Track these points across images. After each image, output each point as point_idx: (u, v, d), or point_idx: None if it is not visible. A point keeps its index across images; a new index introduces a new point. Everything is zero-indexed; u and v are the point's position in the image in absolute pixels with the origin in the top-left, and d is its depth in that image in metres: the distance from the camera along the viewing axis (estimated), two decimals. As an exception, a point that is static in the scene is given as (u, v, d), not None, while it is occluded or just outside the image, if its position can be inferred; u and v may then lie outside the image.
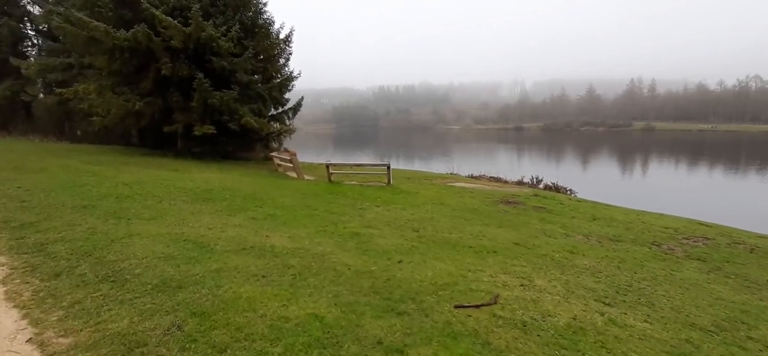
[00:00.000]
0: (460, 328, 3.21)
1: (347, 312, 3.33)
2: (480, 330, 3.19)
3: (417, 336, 3.02)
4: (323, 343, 2.82)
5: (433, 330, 3.14)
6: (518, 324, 3.36)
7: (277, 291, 3.65)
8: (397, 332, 3.06)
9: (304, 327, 3.01)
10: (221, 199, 8.33)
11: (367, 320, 3.22)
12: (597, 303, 4.06)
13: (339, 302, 3.54)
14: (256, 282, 3.86)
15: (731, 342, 3.42)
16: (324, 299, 3.58)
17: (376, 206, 9.17)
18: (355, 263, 4.71)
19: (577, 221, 8.94)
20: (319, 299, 3.57)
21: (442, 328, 3.18)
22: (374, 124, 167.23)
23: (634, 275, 5.25)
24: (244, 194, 9.16)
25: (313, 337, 2.89)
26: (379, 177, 13.63)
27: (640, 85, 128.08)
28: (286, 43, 18.17)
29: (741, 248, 7.26)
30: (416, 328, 3.14)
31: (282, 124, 19.69)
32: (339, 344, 2.83)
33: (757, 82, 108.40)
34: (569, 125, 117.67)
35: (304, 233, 6.18)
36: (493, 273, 4.70)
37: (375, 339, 2.92)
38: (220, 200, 8.20)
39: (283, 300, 3.47)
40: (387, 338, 2.95)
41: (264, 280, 3.94)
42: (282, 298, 3.51)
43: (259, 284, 3.83)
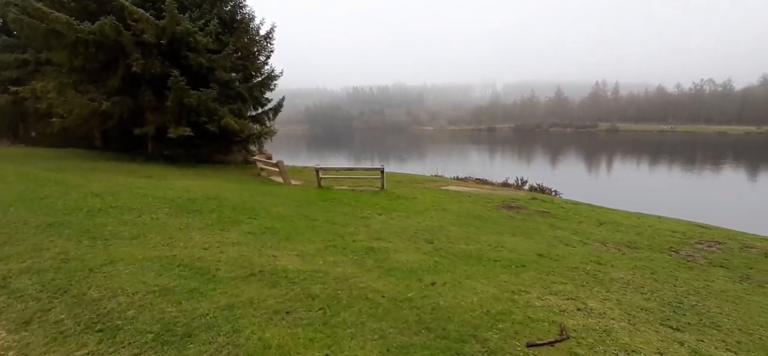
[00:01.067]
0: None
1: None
2: (566, 376, 2.67)
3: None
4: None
5: (512, 379, 2.59)
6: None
7: (311, 335, 2.99)
8: (474, 386, 2.48)
9: (362, 387, 2.38)
10: (209, 210, 7.47)
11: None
12: (665, 328, 3.65)
13: (389, 345, 2.92)
14: (281, 322, 3.18)
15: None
16: (370, 342, 2.95)
17: (378, 215, 8.57)
18: (385, 288, 4.09)
19: (585, 226, 8.69)
20: (364, 343, 2.94)
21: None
22: (348, 125, 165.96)
23: (676, 289, 4.92)
24: (233, 204, 8.32)
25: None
26: (371, 182, 13.02)
27: (605, 88, 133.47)
28: (267, 39, 17.22)
29: (754, 252, 7.17)
30: (493, 378, 2.58)
31: (262, 125, 18.69)
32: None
33: (710, 86, 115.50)
34: (539, 126, 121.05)
35: (312, 249, 5.49)
36: (540, 294, 4.21)
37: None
38: (208, 212, 7.34)
39: (323, 347, 2.82)
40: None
41: (290, 318, 3.26)
42: (320, 344, 2.86)
43: (286, 324, 3.15)
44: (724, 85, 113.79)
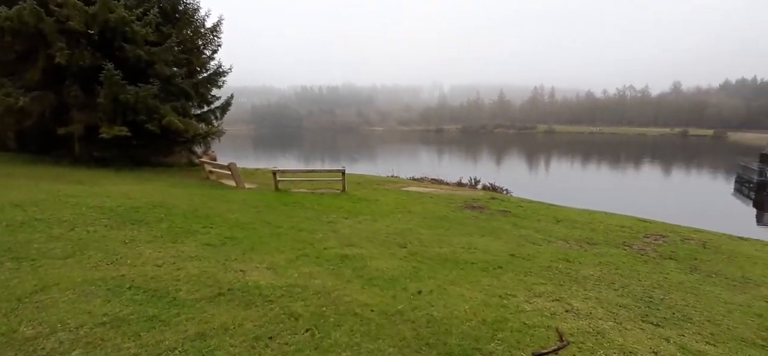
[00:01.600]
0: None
1: (413, 384, 2.48)
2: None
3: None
4: None
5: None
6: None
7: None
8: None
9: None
10: (156, 220, 6.69)
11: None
12: (647, 324, 3.75)
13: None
14: (266, 350, 2.80)
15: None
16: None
17: (344, 218, 8.23)
18: (372, 300, 3.82)
19: (545, 224, 9.01)
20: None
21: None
22: (297, 125, 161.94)
23: (641, 283, 5.17)
24: (184, 211, 7.55)
25: None
26: (330, 184, 12.59)
27: (542, 92, 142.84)
28: (213, 32, 16.06)
29: (693, 243, 7.83)
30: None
31: (209, 124, 17.41)
32: None
33: (631, 92, 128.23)
34: (484, 127, 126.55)
35: (283, 260, 5.06)
36: (526, 297, 4.18)
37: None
38: (156, 222, 6.56)
39: (321, 377, 2.49)
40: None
41: (275, 344, 2.88)
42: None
43: (272, 352, 2.77)
44: (643, 91, 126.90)
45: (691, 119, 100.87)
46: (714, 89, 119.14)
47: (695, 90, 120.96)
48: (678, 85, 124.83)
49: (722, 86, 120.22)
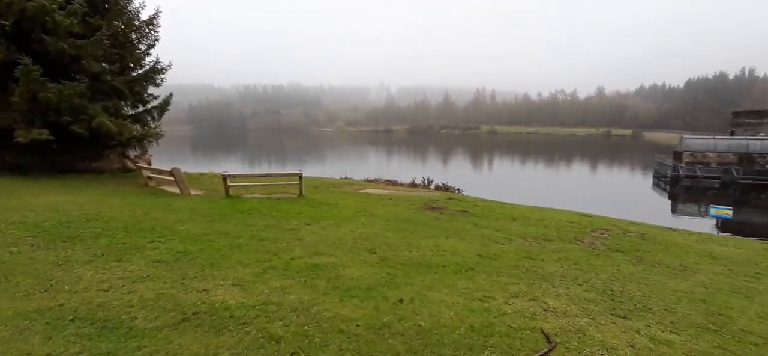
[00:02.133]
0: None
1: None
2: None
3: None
4: None
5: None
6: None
7: (297, 392, 2.40)
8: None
9: None
10: (93, 236, 5.93)
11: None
12: (616, 317, 3.96)
13: (393, 388, 2.51)
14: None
15: (741, 339, 3.66)
16: (370, 388, 2.50)
17: (307, 225, 7.89)
18: (354, 313, 3.64)
19: (502, 222, 9.33)
20: (364, 390, 2.47)
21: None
22: (241, 125, 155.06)
23: (599, 276, 5.49)
24: (125, 224, 6.79)
25: None
26: (286, 188, 12.08)
27: (484, 94, 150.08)
28: (149, 26, 14.73)
29: (633, 235, 8.54)
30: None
31: (145, 126, 15.97)
32: None
33: (562, 95, 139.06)
34: (431, 127, 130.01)
35: (248, 275, 4.68)
36: (505, 299, 4.24)
37: None
38: (93, 238, 5.82)
39: (320, 408, 2.27)
40: None
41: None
42: (314, 404, 2.31)
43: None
44: (572, 95, 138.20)
45: (613, 120, 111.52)
46: (631, 94, 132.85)
47: (616, 94, 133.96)
48: (601, 90, 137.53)
49: (638, 91, 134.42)
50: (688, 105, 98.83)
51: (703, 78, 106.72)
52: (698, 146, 29.23)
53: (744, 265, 6.74)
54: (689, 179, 27.77)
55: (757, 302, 4.88)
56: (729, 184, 26.86)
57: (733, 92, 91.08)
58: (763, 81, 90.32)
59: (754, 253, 7.63)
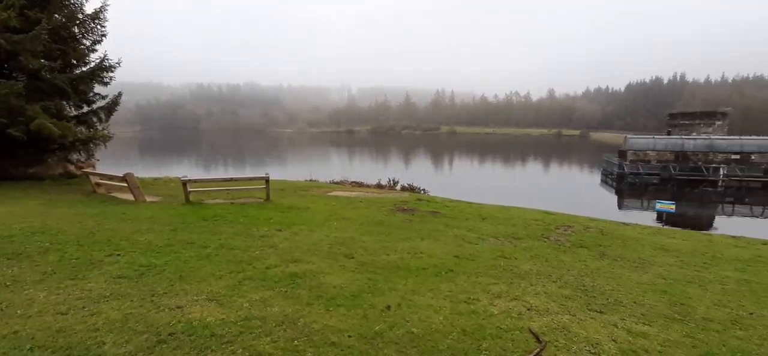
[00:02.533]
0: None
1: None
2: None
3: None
4: None
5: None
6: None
7: (298, 414, 2.27)
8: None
9: None
10: (40, 251, 5.36)
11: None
12: (593, 312, 4.14)
13: (396, 401, 2.44)
14: (246, 405, 2.34)
15: (704, 327, 3.94)
16: (374, 403, 2.41)
17: (278, 231, 7.62)
18: (344, 324, 3.53)
19: (473, 222, 9.53)
20: (367, 406, 2.38)
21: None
22: (194, 126, 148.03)
23: (570, 272, 5.73)
24: (76, 237, 6.21)
25: None
26: (251, 192, 11.62)
27: (443, 96, 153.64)
28: (95, 19, 13.63)
29: (593, 231, 9.03)
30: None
31: (91, 128, 14.78)
32: None
33: (516, 97, 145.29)
34: (393, 128, 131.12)
35: (223, 288, 4.42)
36: (489, 300, 4.30)
37: None
38: (40, 254, 5.26)
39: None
40: None
41: (254, 396, 2.43)
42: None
43: (254, 407, 2.33)
44: (526, 96, 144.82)
45: (563, 121, 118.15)
46: (579, 96, 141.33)
47: (565, 97, 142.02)
48: (552, 92, 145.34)
49: (584, 94, 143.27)
50: (628, 107, 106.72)
51: (642, 82, 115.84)
52: (640, 145, 31.63)
53: (692, 256, 7.32)
54: (633, 175, 29.95)
55: (710, 290, 5.31)
56: (667, 180, 29.27)
57: (667, 94, 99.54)
58: (692, 85, 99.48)
59: (699, 244, 8.32)
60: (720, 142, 29.57)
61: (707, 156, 29.73)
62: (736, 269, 6.52)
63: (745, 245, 8.58)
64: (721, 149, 29.29)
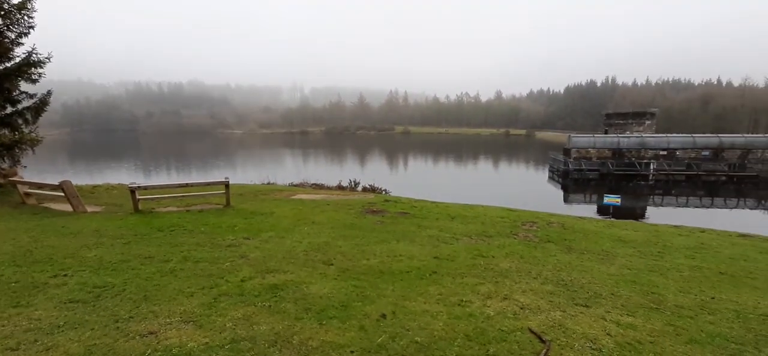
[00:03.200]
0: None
1: None
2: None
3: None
4: None
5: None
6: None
7: None
8: None
9: None
10: (-35, 275, 4.56)
11: None
12: (580, 307, 4.26)
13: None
14: None
15: (679, 314, 4.19)
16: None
17: (246, 239, 7.16)
18: (342, 338, 3.32)
19: (443, 222, 9.59)
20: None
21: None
22: (131, 128, 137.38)
23: (546, 268, 5.90)
24: (12, 257, 5.41)
25: None
26: (207, 198, 10.87)
27: (397, 96, 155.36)
28: (21, 9, 12.06)
29: (556, 226, 9.45)
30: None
31: (16, 130, 13.11)
32: None
33: (467, 98, 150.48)
34: (347, 129, 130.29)
35: (198, 306, 4.01)
36: (483, 302, 4.28)
37: None
38: (-34, 278, 4.47)
39: None
40: None
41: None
42: None
43: None
44: (476, 97, 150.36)
45: (510, 121, 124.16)
46: (523, 97, 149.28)
47: (511, 98, 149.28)
48: (500, 94, 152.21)
49: (528, 95, 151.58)
50: (568, 108, 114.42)
51: (579, 85, 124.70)
52: (583, 143, 33.99)
53: (647, 246, 7.87)
54: (577, 172, 32.07)
55: (671, 278, 5.70)
56: (606, 175, 31.67)
57: (601, 96, 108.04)
58: (622, 87, 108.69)
59: (649, 235, 8.98)
60: (650, 139, 32.58)
61: (639, 153, 32.62)
62: (686, 256, 7.09)
63: (687, 233, 9.42)
64: (651, 146, 32.28)
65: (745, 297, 4.87)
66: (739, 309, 4.36)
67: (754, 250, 7.86)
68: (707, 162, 31.78)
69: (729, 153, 31.99)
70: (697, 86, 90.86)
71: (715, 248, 7.82)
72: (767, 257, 7.28)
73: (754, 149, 31.22)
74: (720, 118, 62.71)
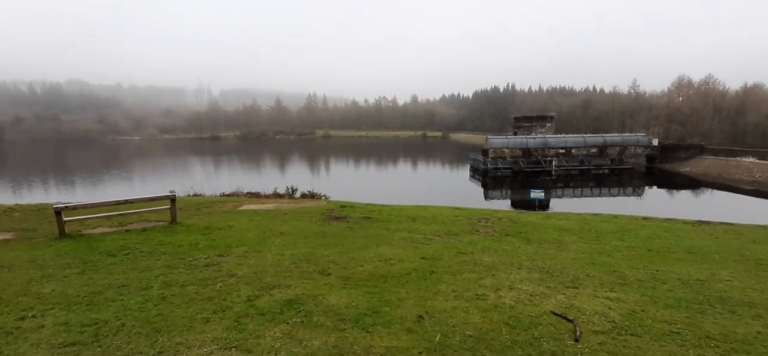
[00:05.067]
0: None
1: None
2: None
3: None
4: None
5: None
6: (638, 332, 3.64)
7: None
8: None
9: None
10: None
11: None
12: (573, 289, 4.94)
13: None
14: None
15: (643, 287, 5.10)
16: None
17: (219, 256, 6.68)
18: (403, 342, 3.44)
19: (408, 224, 9.96)
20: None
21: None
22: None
23: (521, 258, 6.61)
24: (-65, 303, 4.36)
25: None
26: (144, 215, 9.76)
27: (316, 100, 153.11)
28: None
29: (506, 221, 10.47)
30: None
31: None
32: None
33: (385, 101, 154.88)
34: (265, 133, 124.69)
35: (224, 331, 3.77)
36: (495, 293, 4.70)
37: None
38: None
39: None
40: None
41: None
42: None
43: None
44: (393, 101, 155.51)
45: (427, 124, 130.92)
46: (437, 101, 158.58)
47: (426, 102, 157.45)
48: (415, 98, 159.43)
49: (441, 99, 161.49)
50: (476, 111, 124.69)
51: (485, 90, 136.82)
52: (498, 144, 37.55)
53: (583, 233, 9.19)
54: (494, 170, 35.30)
55: (617, 257, 6.82)
56: (518, 172, 35.42)
57: (504, 100, 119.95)
58: (521, 93, 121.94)
59: (580, 223, 10.47)
60: (551, 140, 37.36)
61: (544, 151, 37.14)
62: (617, 239, 8.48)
63: (607, 219, 11.19)
64: (552, 145, 37.01)
65: (677, 267, 6.09)
66: (680, 278, 5.46)
67: (659, 229, 9.70)
68: (595, 158, 37.44)
69: (611, 150, 38.13)
70: (579, 93, 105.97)
71: (633, 231, 9.46)
72: (671, 234, 9.07)
73: (628, 146, 37.71)
74: (597, 120, 74.04)
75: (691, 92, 60.75)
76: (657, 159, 37.44)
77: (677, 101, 61.48)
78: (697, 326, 3.81)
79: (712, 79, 59.70)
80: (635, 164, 36.39)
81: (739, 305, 4.40)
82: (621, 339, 3.49)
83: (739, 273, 5.75)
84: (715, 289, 4.96)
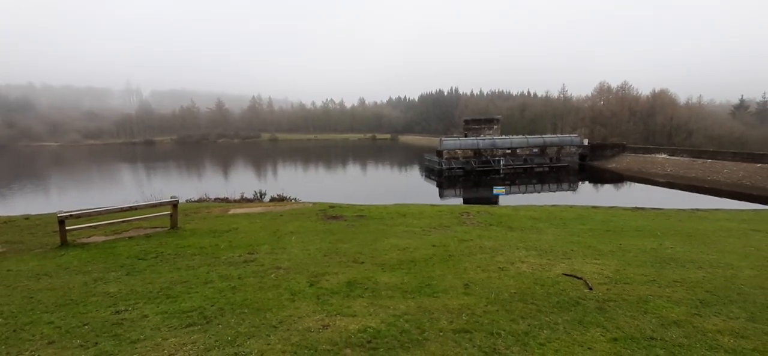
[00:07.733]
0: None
1: None
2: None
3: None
4: None
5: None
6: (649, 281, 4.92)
7: None
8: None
9: None
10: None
11: None
12: (569, 260, 6.24)
13: (614, 336, 3.70)
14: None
15: (616, 257, 6.56)
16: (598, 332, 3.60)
17: (251, 254, 7.17)
18: (467, 301, 4.42)
19: (400, 219, 10.94)
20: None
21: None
22: None
23: (513, 242, 7.88)
24: (17, 310, 4.54)
25: None
26: (136, 224, 9.73)
27: (261, 102, 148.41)
28: None
29: (485, 214, 11.86)
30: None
31: None
32: None
33: (332, 104, 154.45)
34: (205, 137, 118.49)
35: (322, 306, 4.47)
36: (514, 264, 5.85)
37: None
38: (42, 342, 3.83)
39: None
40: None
41: None
42: None
43: None
44: (340, 104, 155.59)
45: (375, 127, 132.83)
46: (385, 104, 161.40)
47: (374, 105, 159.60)
48: (363, 101, 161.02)
49: (388, 102, 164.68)
50: (423, 114, 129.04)
51: (430, 93, 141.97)
52: (451, 145, 39.94)
53: (551, 220, 10.81)
54: (448, 170, 37.51)
55: (585, 236, 8.36)
56: (470, 172, 37.98)
57: (449, 103, 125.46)
58: (464, 97, 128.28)
59: (546, 213, 12.16)
60: (499, 141, 40.59)
61: (492, 152, 40.18)
62: (579, 223, 10.18)
63: (566, 209, 13.07)
64: (499, 146, 40.22)
65: (633, 241, 7.74)
66: (639, 248, 7.06)
67: (607, 215, 11.66)
68: (537, 157, 41.23)
69: (550, 150, 42.22)
70: (516, 97, 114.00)
71: (589, 217, 11.31)
72: (619, 218, 10.99)
73: (565, 146, 42.05)
74: (533, 122, 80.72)
75: (610, 97, 68.60)
76: (588, 157, 42.17)
77: (600, 104, 69.02)
78: (664, 276, 5.26)
79: (627, 85, 68.03)
80: (570, 162, 40.75)
81: (686, 262, 6.00)
82: (619, 286, 4.80)
83: (678, 243, 7.52)
84: (665, 253, 6.57)
